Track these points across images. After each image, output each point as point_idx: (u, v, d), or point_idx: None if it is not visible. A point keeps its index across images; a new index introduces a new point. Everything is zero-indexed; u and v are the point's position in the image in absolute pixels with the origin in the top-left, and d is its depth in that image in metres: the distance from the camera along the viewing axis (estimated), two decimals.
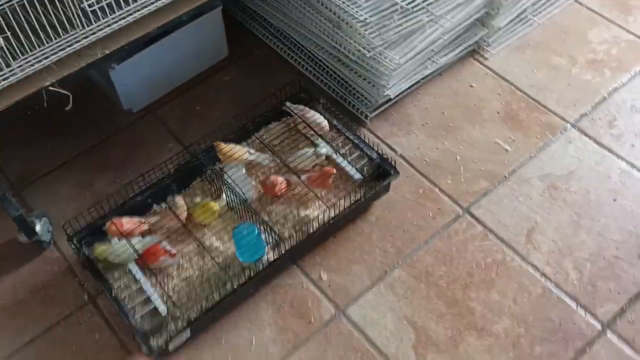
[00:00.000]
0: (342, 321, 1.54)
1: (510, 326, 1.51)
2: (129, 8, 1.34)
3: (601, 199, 1.72)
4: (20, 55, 1.28)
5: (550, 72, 2.01)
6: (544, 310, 1.53)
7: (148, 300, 1.49)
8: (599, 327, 1.50)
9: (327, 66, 1.95)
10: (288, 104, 1.80)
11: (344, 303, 1.57)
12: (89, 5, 1.28)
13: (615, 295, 1.55)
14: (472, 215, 1.70)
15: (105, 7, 1.32)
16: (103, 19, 1.32)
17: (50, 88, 1.33)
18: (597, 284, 1.57)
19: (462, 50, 2.00)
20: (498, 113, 1.91)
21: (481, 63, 2.04)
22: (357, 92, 1.90)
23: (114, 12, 1.33)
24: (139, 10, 1.35)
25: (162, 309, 1.47)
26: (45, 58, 1.30)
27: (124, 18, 1.34)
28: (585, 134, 1.85)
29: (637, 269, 1.59)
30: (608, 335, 1.49)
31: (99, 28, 1.32)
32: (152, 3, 1.36)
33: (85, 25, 1.31)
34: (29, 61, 1.30)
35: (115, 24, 1.34)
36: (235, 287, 1.50)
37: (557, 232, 1.66)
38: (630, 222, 1.67)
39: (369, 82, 1.83)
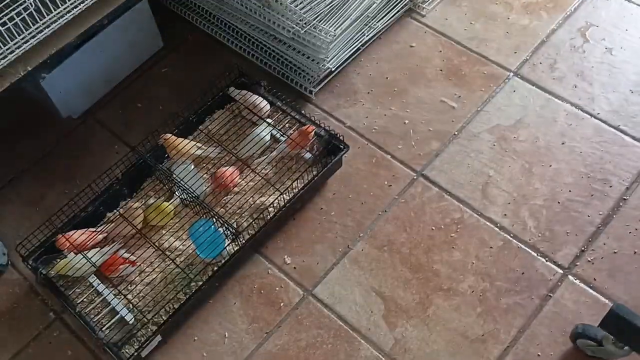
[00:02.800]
0: (311, 302, 1.55)
1: (475, 282, 1.54)
2: (44, 20, 1.29)
3: (550, 144, 1.74)
4: None
5: (488, 21, 2.00)
6: (506, 262, 1.56)
7: (113, 310, 1.48)
8: (560, 271, 1.54)
9: (264, 46, 1.92)
10: (232, 89, 1.78)
11: (311, 284, 1.58)
12: (2, 24, 1.22)
13: (572, 238, 1.58)
14: (427, 178, 1.71)
15: (19, 22, 1.26)
16: (19, 36, 1.27)
17: None
18: (554, 228, 1.60)
19: (398, 11, 1.98)
20: (441, 70, 1.91)
21: (419, 21, 2.03)
22: (298, 68, 1.87)
23: (30, 27, 1.28)
24: (55, 22, 1.30)
25: (129, 317, 1.46)
26: None
27: (41, 31, 1.30)
28: (528, 81, 1.86)
29: (591, 209, 1.62)
30: (570, 277, 1.53)
31: (16, 45, 1.27)
32: (69, 12, 1.30)
33: (2, 45, 1.26)
34: None
35: (32, 39, 1.29)
36: (200, 284, 1.49)
37: (511, 182, 1.68)
38: (581, 163, 1.70)
39: (308, 57, 1.81)
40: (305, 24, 1.69)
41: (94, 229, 1.59)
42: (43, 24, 1.29)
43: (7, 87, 1.29)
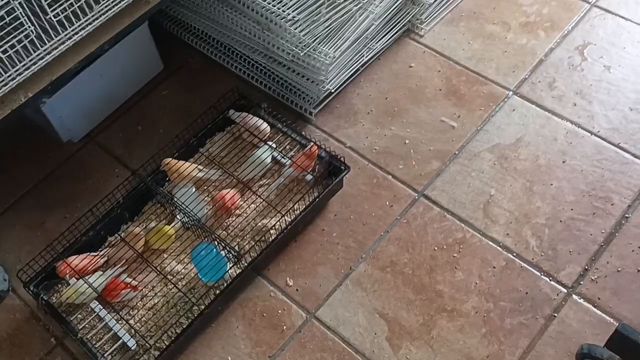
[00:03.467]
0: (314, 324, 1.54)
1: (479, 303, 1.53)
2: (45, 47, 1.30)
3: (551, 162, 1.74)
4: None
5: (486, 41, 2.02)
6: (509, 282, 1.55)
7: (116, 336, 1.47)
8: (564, 290, 1.53)
9: (264, 68, 1.93)
10: (232, 111, 1.78)
11: (314, 306, 1.57)
12: (3, 52, 1.23)
13: (576, 256, 1.58)
14: (428, 198, 1.71)
15: (20, 50, 1.27)
16: (20, 63, 1.28)
17: None
18: (557, 247, 1.59)
19: (396, 32, 1.99)
20: (440, 90, 1.92)
21: (417, 41, 2.04)
22: (298, 90, 1.88)
23: (31, 54, 1.29)
24: (56, 48, 1.31)
25: (132, 343, 1.45)
26: None
27: (42, 58, 1.30)
28: (528, 99, 1.87)
29: (593, 227, 1.62)
30: (574, 297, 1.52)
31: (17, 72, 1.28)
32: (70, 38, 1.31)
33: (3, 72, 1.27)
34: None
35: (34, 66, 1.29)
36: (203, 308, 1.48)
37: (512, 201, 1.68)
38: (582, 181, 1.70)
39: (307, 79, 1.82)
40: (304, 46, 1.70)
41: (95, 253, 1.58)
42: (44, 50, 1.30)
43: (8, 113, 1.29)
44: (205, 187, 1.70)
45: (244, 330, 1.55)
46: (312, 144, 1.66)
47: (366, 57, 1.91)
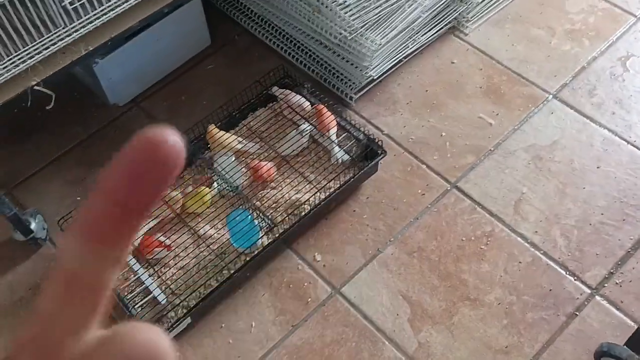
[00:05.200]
0: (338, 300, 1.58)
1: (502, 295, 1.55)
2: (110, 3, 1.35)
3: (585, 166, 1.75)
4: (4, 56, 1.29)
5: (530, 44, 2.04)
6: (534, 278, 1.57)
7: (147, 290, 1.52)
8: (588, 291, 1.55)
9: (309, 50, 1.97)
10: (275, 88, 1.82)
11: (339, 282, 1.60)
12: (70, 3, 1.28)
13: (602, 259, 1.59)
14: (460, 190, 1.74)
15: (86, 3, 1.32)
16: (85, 15, 1.33)
17: (36, 87, 1.34)
18: (584, 249, 1.61)
19: (442, 27, 2.02)
20: (480, 88, 1.94)
21: (461, 39, 2.07)
22: (341, 74, 1.92)
23: (95, 9, 1.34)
24: (120, 5, 1.36)
25: (162, 297, 1.50)
26: (30, 58, 1.31)
27: (105, 14, 1.35)
28: (567, 104, 1.89)
29: (622, 233, 1.63)
30: (597, 298, 1.53)
31: (81, 25, 1.33)
32: None
33: (68, 23, 1.32)
34: (14, 62, 1.31)
35: (97, 20, 1.35)
36: (232, 272, 1.52)
37: (544, 201, 1.70)
38: (614, 187, 1.71)
39: (351, 64, 1.85)
40: (352, 31, 1.74)
41: None
42: (108, 6, 1.35)
43: (69, 63, 1.34)
44: (244, 159, 1.74)
45: (269, 298, 1.59)
46: (318, 103, 1.71)
47: (410, 48, 1.94)
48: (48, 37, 1.32)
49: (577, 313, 1.51)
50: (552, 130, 1.84)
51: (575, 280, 1.56)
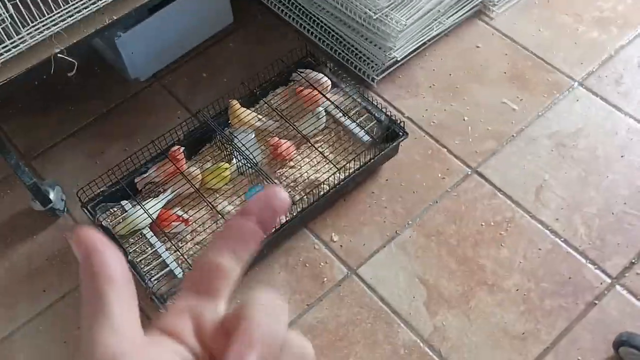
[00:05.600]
0: (354, 280, 1.57)
1: (520, 281, 1.54)
2: None
3: (609, 155, 1.73)
4: (29, 23, 1.28)
5: (557, 30, 2.00)
6: (553, 265, 1.55)
7: (163, 263, 1.52)
8: (608, 280, 1.52)
9: (332, 30, 1.95)
10: (294, 74, 1.81)
11: (356, 263, 1.59)
12: None
13: (623, 249, 1.57)
14: (481, 175, 1.71)
15: None
16: None
17: (59, 55, 1.34)
18: (605, 238, 1.59)
19: (468, 11, 1.99)
20: (505, 73, 1.91)
21: (487, 23, 2.04)
22: (364, 55, 1.90)
23: None
24: None
25: (178, 271, 1.50)
26: (54, 25, 1.31)
27: None
28: (592, 92, 1.86)
29: None
30: (617, 288, 1.51)
31: None
32: None
33: None
34: (39, 29, 1.30)
35: None
36: None
37: (566, 188, 1.67)
38: (638, 177, 1.68)
39: (375, 45, 1.83)
40: (377, 10, 1.72)
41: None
42: None
43: (93, 32, 1.33)
44: (263, 137, 1.73)
45: (285, 277, 1.58)
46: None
47: (435, 31, 1.92)
48: (73, 5, 1.31)
49: (597, 302, 1.49)
50: (577, 117, 1.81)
51: (595, 269, 1.54)
